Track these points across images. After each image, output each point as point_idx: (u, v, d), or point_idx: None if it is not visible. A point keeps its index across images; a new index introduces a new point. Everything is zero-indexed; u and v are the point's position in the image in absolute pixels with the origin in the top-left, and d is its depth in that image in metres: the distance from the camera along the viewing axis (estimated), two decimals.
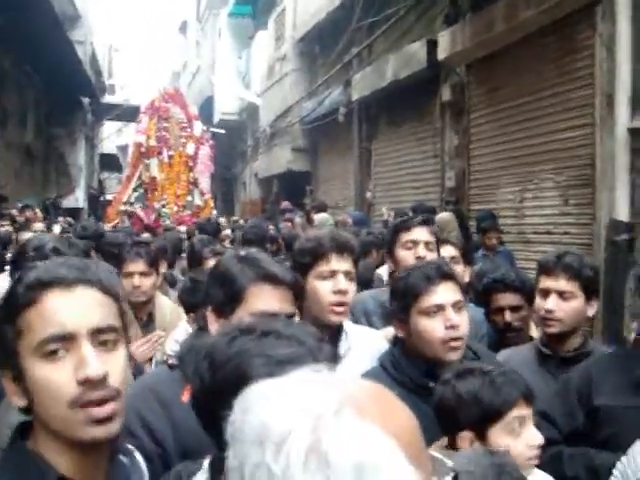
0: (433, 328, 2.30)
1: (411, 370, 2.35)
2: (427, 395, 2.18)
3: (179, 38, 38.64)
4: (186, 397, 1.91)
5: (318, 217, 10.08)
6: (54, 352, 1.24)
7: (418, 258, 3.06)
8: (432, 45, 10.14)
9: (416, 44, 10.69)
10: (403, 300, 2.38)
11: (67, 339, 1.25)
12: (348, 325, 2.63)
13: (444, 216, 8.57)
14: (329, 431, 0.73)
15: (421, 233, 3.22)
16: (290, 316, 1.99)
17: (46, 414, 1.26)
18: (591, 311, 2.73)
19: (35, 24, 12.82)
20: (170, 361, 2.02)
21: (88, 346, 1.26)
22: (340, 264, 2.51)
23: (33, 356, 1.25)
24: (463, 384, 1.99)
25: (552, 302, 2.71)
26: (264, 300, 1.95)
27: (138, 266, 3.83)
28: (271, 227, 11.76)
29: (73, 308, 1.27)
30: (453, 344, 2.29)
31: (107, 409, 1.26)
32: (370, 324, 3.04)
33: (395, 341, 2.49)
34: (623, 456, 2.00)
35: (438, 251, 3.33)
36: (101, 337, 1.28)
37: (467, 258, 3.88)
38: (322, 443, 0.72)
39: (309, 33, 15.93)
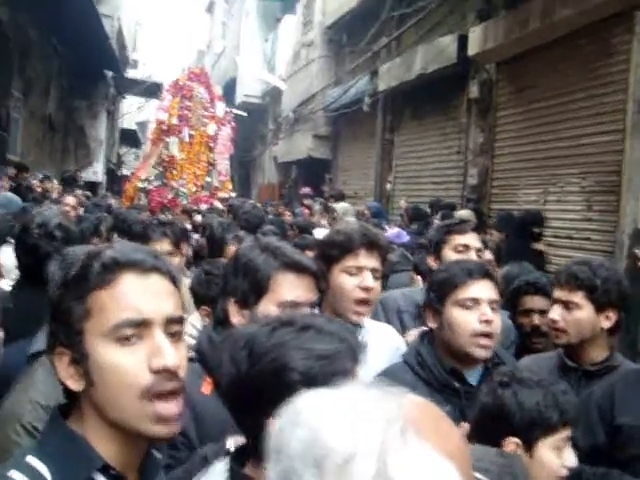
0: (467, 320, 2.30)
1: (437, 369, 2.33)
2: (451, 395, 2.14)
3: (205, 17, 38.56)
4: (206, 389, 1.88)
5: (340, 206, 10.01)
6: (128, 337, 1.20)
7: None
8: (463, 40, 10.02)
9: (446, 38, 10.57)
10: (440, 290, 2.37)
11: (142, 325, 1.21)
12: (366, 321, 2.59)
13: (463, 213, 8.49)
14: (395, 456, 0.71)
15: (474, 239, 3.20)
16: (313, 304, 2.01)
17: (108, 401, 1.21)
18: (606, 323, 2.64)
19: None
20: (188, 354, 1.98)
21: (163, 335, 1.23)
22: (368, 260, 2.48)
23: (103, 339, 1.20)
24: (525, 391, 1.96)
25: (555, 312, 2.69)
26: (289, 289, 1.94)
27: (164, 245, 3.78)
28: (287, 212, 11.76)
29: (149, 294, 1.24)
30: (483, 341, 2.28)
31: (175, 408, 1.24)
32: (402, 322, 3.02)
33: (422, 338, 2.47)
34: None
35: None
36: (172, 328, 1.25)
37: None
38: (388, 469, 0.70)
39: (338, 20, 15.80)
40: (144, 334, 1.21)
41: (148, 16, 40.26)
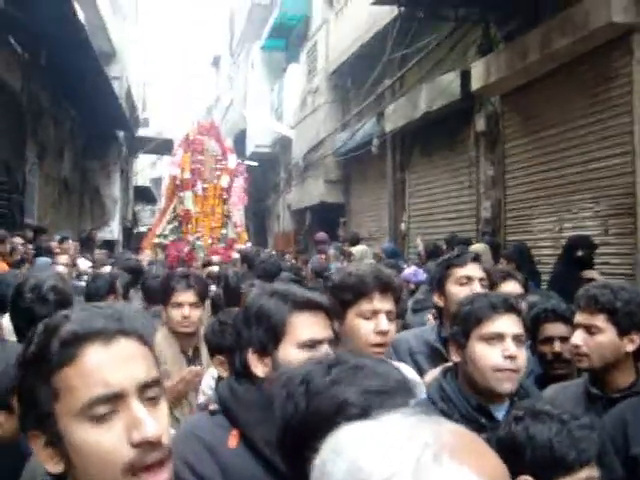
0: (490, 355, 2.27)
1: (461, 403, 2.29)
2: (477, 430, 2.09)
3: (212, 72, 39.29)
4: (232, 442, 1.86)
5: (357, 249, 10.08)
6: (102, 415, 1.13)
7: None
8: (465, 76, 10.12)
9: (449, 75, 10.68)
10: (465, 324, 2.35)
11: (115, 399, 1.15)
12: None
13: (478, 247, 8.46)
14: (430, 475, 0.73)
15: (475, 269, 3.18)
16: (331, 340, 1.97)
17: None
18: (630, 346, 2.59)
19: (74, 61, 13.11)
20: (211, 407, 1.97)
21: (139, 404, 1.16)
22: (383, 304, 2.47)
23: (75, 419, 1.13)
24: (538, 426, 1.90)
25: (578, 337, 2.66)
26: (306, 328, 1.93)
27: (189, 297, 3.83)
28: (304, 260, 11.79)
29: (118, 363, 1.16)
30: (508, 375, 2.25)
31: (164, 476, 1.17)
32: (415, 363, 2.98)
33: (445, 374, 2.44)
34: None
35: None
36: (148, 393, 1.19)
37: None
38: None
39: (341, 66, 16.04)
40: (119, 407, 1.15)
41: (155, 74, 41.05)
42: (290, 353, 1.91)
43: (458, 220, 11.40)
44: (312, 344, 1.91)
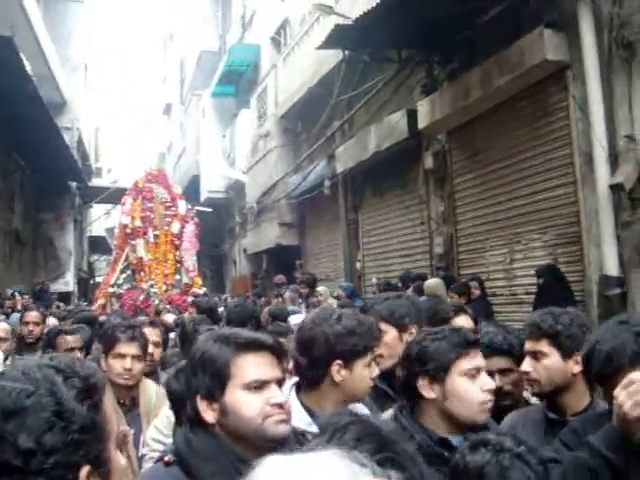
0: (474, 389, 2.32)
1: (423, 439, 2.28)
2: (440, 465, 2.11)
3: (163, 120, 39.34)
4: None
5: (321, 289, 10.30)
6: None
7: None
8: (412, 115, 10.33)
9: (396, 114, 10.88)
10: (440, 359, 2.35)
11: None
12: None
13: (432, 282, 8.58)
14: None
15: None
16: (280, 381, 1.97)
17: None
18: (576, 368, 2.62)
19: (22, 112, 13.03)
20: (166, 458, 1.94)
21: None
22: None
23: None
24: (473, 456, 1.92)
25: (526, 364, 2.71)
26: (250, 369, 1.92)
27: (132, 348, 3.74)
28: (262, 304, 11.73)
29: None
30: (488, 407, 2.32)
31: None
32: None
33: (400, 411, 2.42)
34: None
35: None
36: None
37: None
38: None
39: (291, 110, 16.22)
40: None
41: (107, 125, 40.93)
42: (237, 396, 1.90)
43: (412, 257, 11.51)
44: (259, 385, 1.91)
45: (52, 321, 7.94)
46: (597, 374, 2.21)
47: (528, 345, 2.72)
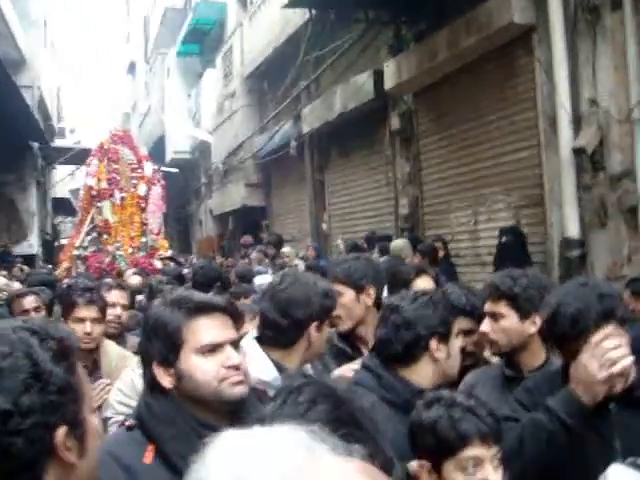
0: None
1: (404, 389, 2.34)
2: None
3: (128, 79, 38.63)
4: (148, 458, 1.85)
5: (287, 251, 10.29)
6: None
7: None
8: (378, 75, 10.29)
9: (363, 75, 10.83)
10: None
11: None
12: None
13: (398, 243, 8.64)
14: None
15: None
16: (234, 342, 1.96)
17: None
18: (532, 328, 2.69)
19: None
20: (127, 422, 1.95)
21: None
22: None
23: None
24: (427, 412, 1.99)
25: (485, 325, 2.77)
26: (203, 332, 1.91)
27: (91, 312, 3.69)
28: (229, 264, 11.75)
29: None
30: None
31: None
32: (325, 365, 3.00)
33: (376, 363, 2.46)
34: None
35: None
36: None
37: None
38: None
39: (257, 69, 16.05)
40: None
41: (70, 83, 40.08)
42: (191, 361, 1.90)
43: (377, 218, 11.57)
44: (212, 348, 1.91)
45: (16, 285, 7.88)
46: (561, 335, 2.26)
47: (487, 306, 2.78)
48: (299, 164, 14.18)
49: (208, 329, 1.93)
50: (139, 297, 6.44)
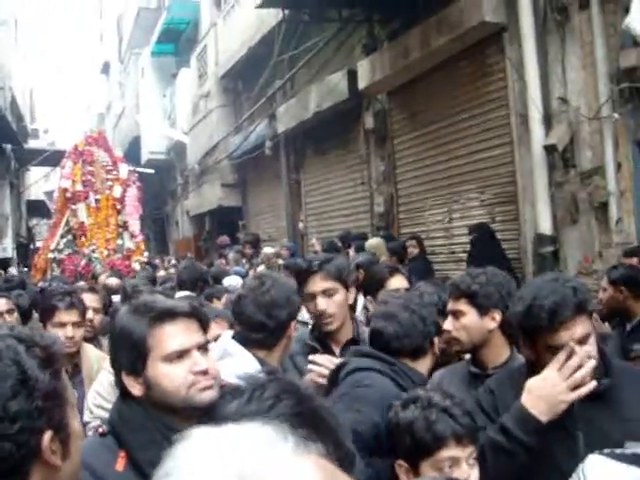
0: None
1: (414, 376, 2.48)
2: None
3: (102, 79, 38.34)
4: (119, 465, 1.84)
5: (266, 251, 10.32)
6: None
7: None
8: (352, 75, 10.32)
9: (337, 74, 10.87)
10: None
11: None
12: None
13: (373, 242, 8.68)
14: None
15: (316, 282, 3.15)
16: (201, 345, 1.93)
17: None
18: (492, 324, 2.73)
19: None
20: (100, 429, 1.94)
21: None
22: None
23: None
24: (403, 413, 2.02)
25: (447, 323, 2.80)
26: (168, 339, 1.88)
27: (72, 316, 3.70)
28: (205, 264, 11.72)
29: None
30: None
31: None
32: (294, 364, 3.03)
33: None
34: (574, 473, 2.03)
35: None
36: None
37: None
38: None
39: (231, 69, 16.01)
40: None
41: (43, 84, 39.74)
42: (159, 369, 1.87)
43: (353, 216, 11.62)
44: (179, 354, 1.88)
45: None
46: (537, 328, 2.27)
47: (449, 305, 2.82)
48: (275, 164, 14.18)
49: (173, 336, 1.89)
50: (115, 298, 6.44)
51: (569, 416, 2.23)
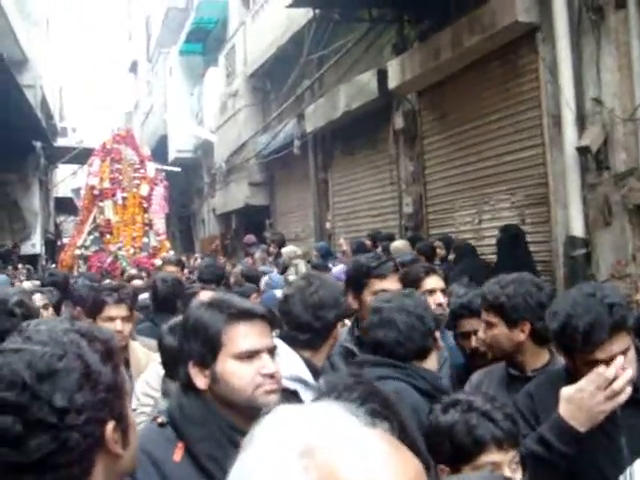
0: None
1: (427, 376, 2.48)
2: None
3: (130, 78, 38.63)
4: (177, 456, 1.87)
5: (285, 250, 10.12)
6: None
7: None
8: (382, 74, 10.28)
9: (366, 74, 10.83)
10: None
11: None
12: None
13: (398, 244, 8.63)
14: None
15: (393, 282, 3.23)
16: (270, 349, 1.99)
17: None
18: (521, 336, 2.71)
19: None
20: (159, 419, 1.97)
21: None
22: None
23: None
24: (443, 416, 2.00)
25: (481, 332, 2.85)
26: (242, 339, 1.94)
27: (121, 310, 3.80)
28: (232, 263, 11.74)
29: None
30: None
31: None
32: (331, 364, 3.02)
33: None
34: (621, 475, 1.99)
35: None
36: None
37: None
38: None
39: (260, 68, 16.04)
40: None
41: (72, 83, 40.14)
42: (228, 365, 1.92)
43: (381, 217, 11.57)
44: (250, 355, 1.93)
45: (26, 285, 7.87)
46: (572, 347, 2.25)
47: (483, 315, 2.83)
48: (303, 163, 14.17)
49: (247, 335, 1.96)
50: (142, 296, 6.45)
51: (612, 423, 2.19)
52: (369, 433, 0.81)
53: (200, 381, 1.94)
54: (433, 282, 3.81)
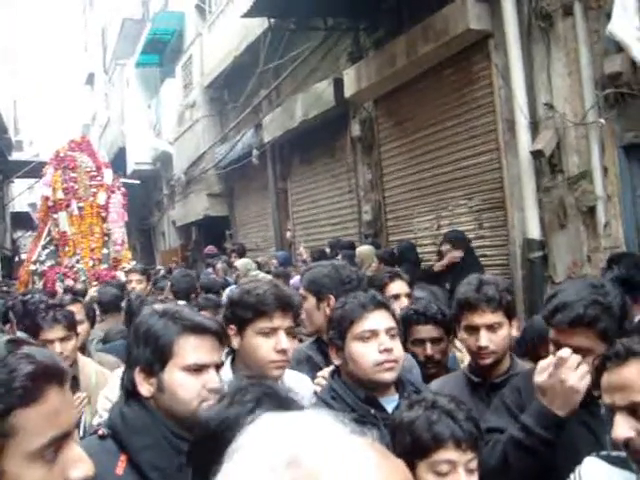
0: (367, 352, 2.36)
1: (351, 399, 2.37)
2: (370, 423, 2.16)
3: (86, 90, 38.20)
4: (119, 469, 1.82)
5: (240, 263, 9.96)
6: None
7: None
8: (338, 83, 10.33)
9: (323, 83, 10.87)
10: (339, 327, 2.44)
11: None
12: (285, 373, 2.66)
13: (363, 249, 8.67)
14: None
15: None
16: (218, 365, 1.99)
17: None
18: (515, 331, 2.79)
19: None
20: (100, 431, 1.92)
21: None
22: (282, 321, 2.53)
23: None
24: (407, 412, 2.01)
25: (484, 338, 2.70)
26: (192, 352, 1.94)
27: (57, 332, 3.64)
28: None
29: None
30: (386, 367, 2.35)
31: None
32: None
33: (332, 375, 2.52)
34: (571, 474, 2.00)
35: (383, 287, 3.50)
36: None
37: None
38: None
39: (217, 79, 16.00)
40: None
41: (27, 95, 39.56)
42: (175, 376, 1.92)
43: (341, 225, 11.60)
44: (198, 368, 1.93)
45: None
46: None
47: (479, 319, 2.71)
48: (261, 173, 14.14)
49: (198, 349, 1.95)
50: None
51: (595, 417, 2.21)
52: (357, 442, 0.80)
53: (145, 389, 1.93)
54: (397, 287, 3.81)
